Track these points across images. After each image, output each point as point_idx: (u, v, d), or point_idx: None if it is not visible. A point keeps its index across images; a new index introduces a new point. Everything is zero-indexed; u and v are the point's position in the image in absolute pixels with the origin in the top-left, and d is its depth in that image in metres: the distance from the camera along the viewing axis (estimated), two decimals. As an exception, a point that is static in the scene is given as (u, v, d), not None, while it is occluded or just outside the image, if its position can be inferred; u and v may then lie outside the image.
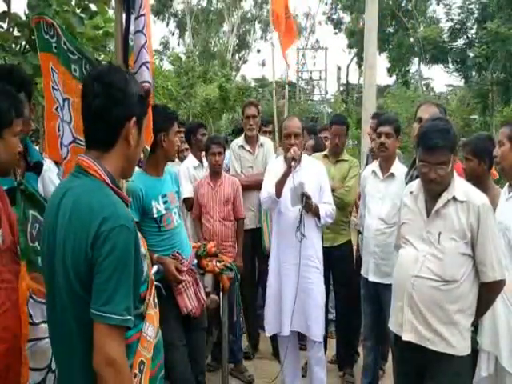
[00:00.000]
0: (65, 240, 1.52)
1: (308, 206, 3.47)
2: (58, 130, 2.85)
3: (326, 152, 4.47)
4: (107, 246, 1.46)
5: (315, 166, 3.78)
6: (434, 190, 2.53)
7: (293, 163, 3.43)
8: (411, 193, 2.68)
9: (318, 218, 3.59)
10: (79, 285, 1.50)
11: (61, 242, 1.53)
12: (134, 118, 1.64)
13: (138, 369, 1.57)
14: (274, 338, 3.97)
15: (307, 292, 3.54)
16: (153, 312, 1.68)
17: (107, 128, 1.61)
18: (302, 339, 3.89)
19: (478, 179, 2.99)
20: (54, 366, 1.98)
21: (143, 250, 1.67)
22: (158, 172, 3.10)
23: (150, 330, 1.64)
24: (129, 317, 1.49)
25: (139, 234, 1.62)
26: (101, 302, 1.45)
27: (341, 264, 4.21)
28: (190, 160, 4.72)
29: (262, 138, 4.82)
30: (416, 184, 2.69)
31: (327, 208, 3.65)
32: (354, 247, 4.45)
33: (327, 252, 3.95)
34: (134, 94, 1.64)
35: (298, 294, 3.49)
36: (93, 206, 1.51)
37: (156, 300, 1.75)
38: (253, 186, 4.46)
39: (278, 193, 3.54)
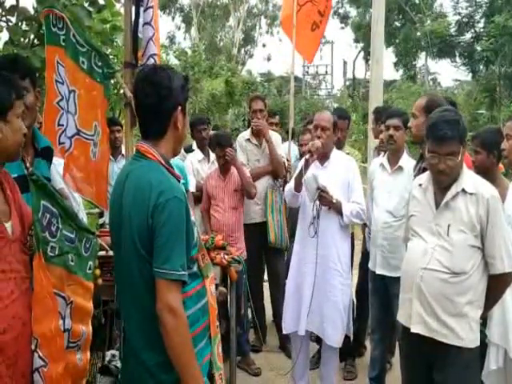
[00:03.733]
0: (130, 212, 1.81)
1: (323, 200, 3.40)
2: (58, 125, 2.83)
3: None
4: (164, 214, 1.75)
5: (345, 161, 3.64)
6: (443, 182, 2.52)
7: (307, 156, 3.39)
8: (420, 185, 2.67)
9: (341, 215, 3.45)
10: (143, 248, 1.79)
11: (127, 214, 1.82)
12: (180, 106, 1.90)
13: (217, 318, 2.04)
14: (281, 331, 3.95)
15: (325, 293, 3.41)
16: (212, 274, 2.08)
17: (159, 120, 1.89)
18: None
19: (486, 172, 2.98)
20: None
21: (193, 218, 1.93)
22: None
23: (214, 288, 2.07)
24: (183, 272, 1.77)
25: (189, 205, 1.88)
26: (160, 261, 1.75)
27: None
28: (195, 153, 4.72)
29: (270, 132, 4.82)
30: (425, 176, 2.68)
31: (353, 207, 3.46)
32: (357, 241, 4.45)
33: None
34: (177, 86, 1.88)
35: (315, 294, 3.38)
36: (152, 182, 1.79)
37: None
38: (261, 174, 4.51)
39: (297, 186, 3.48)
